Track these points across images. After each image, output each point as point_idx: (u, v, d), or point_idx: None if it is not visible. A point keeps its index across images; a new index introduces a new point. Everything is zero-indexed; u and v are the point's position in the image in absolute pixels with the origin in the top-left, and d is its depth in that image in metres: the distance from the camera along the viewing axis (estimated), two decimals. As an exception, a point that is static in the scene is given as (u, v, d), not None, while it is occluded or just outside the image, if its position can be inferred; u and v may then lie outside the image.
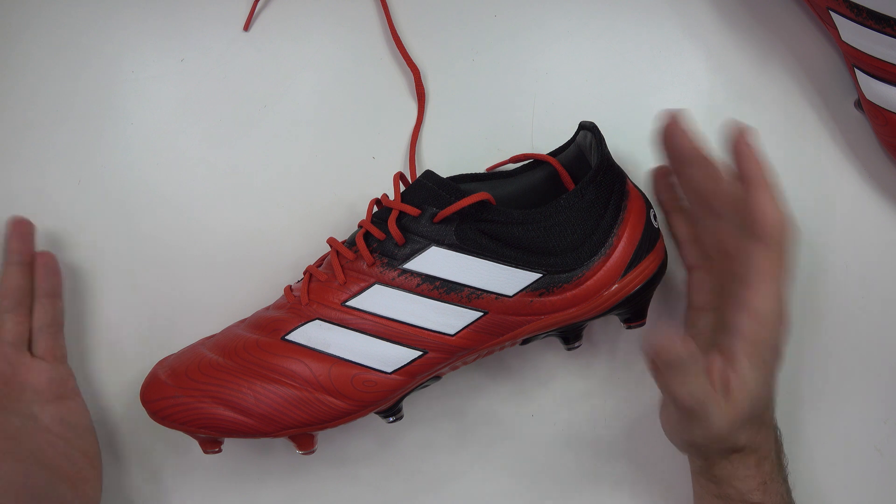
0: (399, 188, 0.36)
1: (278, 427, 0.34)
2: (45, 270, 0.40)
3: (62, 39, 0.46)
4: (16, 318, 0.38)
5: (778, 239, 0.32)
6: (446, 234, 0.34)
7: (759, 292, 0.32)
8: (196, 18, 0.46)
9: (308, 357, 0.34)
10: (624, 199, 0.36)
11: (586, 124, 0.38)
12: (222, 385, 0.34)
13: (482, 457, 0.42)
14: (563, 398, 0.43)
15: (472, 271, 0.34)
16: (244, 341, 0.36)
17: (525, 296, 0.35)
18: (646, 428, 0.42)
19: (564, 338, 0.38)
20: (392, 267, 0.35)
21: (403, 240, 0.35)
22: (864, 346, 0.43)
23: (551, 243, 0.34)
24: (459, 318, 0.35)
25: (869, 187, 0.44)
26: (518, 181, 0.40)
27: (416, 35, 0.46)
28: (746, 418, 0.33)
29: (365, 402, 0.35)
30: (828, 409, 0.42)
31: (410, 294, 0.35)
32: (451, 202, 0.34)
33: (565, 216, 0.34)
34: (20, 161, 0.45)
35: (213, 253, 0.44)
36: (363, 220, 0.37)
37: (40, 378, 0.37)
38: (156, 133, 0.45)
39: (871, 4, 0.38)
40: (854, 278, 0.43)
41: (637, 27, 0.46)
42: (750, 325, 0.32)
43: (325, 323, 0.35)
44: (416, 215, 0.35)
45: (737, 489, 0.34)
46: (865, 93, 0.41)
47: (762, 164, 0.33)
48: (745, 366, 0.32)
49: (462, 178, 0.39)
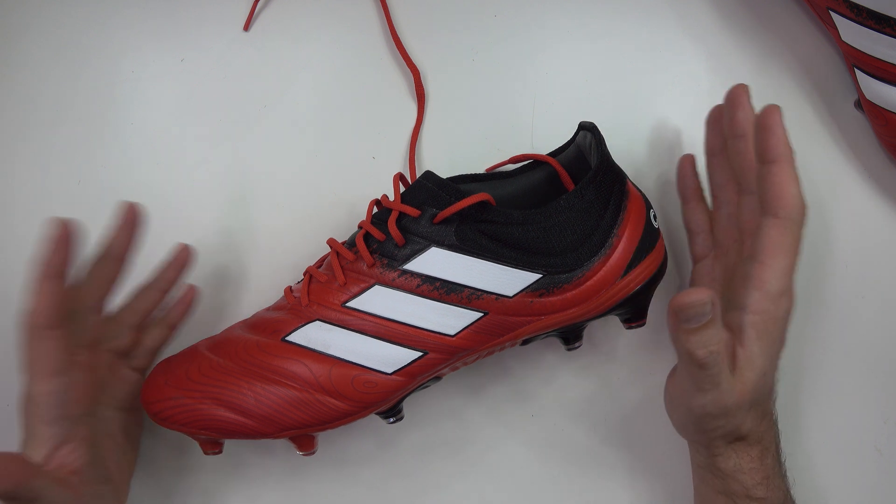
0: (399, 188, 0.36)
1: (279, 428, 0.34)
2: (184, 304, 0.41)
3: (62, 39, 0.46)
4: (133, 334, 0.39)
5: (794, 216, 0.33)
6: (446, 234, 0.34)
7: (771, 268, 0.33)
8: (196, 18, 0.46)
9: (308, 358, 0.34)
10: (624, 199, 0.36)
11: (586, 125, 0.38)
12: (222, 386, 0.34)
13: (482, 457, 0.42)
14: (563, 398, 0.43)
15: (472, 272, 0.34)
16: (244, 342, 0.36)
17: (525, 296, 0.35)
18: (646, 427, 0.42)
19: (564, 338, 0.38)
20: (392, 268, 0.35)
21: (403, 241, 0.35)
22: (863, 345, 0.43)
23: (551, 244, 0.34)
24: (459, 318, 0.35)
25: (869, 187, 0.44)
26: (518, 182, 0.40)
27: (416, 35, 0.46)
28: (752, 397, 0.33)
29: (365, 402, 0.35)
30: (828, 409, 0.42)
31: (410, 295, 0.35)
32: (451, 203, 0.34)
33: (565, 216, 0.34)
34: (20, 161, 0.45)
35: (212, 253, 0.44)
36: (363, 221, 0.37)
37: (126, 388, 0.39)
38: (156, 133, 0.45)
39: (871, 4, 0.38)
40: (854, 278, 0.43)
41: (637, 27, 0.46)
42: (760, 299, 0.33)
43: (325, 324, 0.35)
44: (416, 216, 0.35)
45: (741, 483, 0.34)
46: (865, 93, 0.41)
47: (788, 143, 0.33)
48: (752, 340, 0.33)
49: (462, 178, 0.39)
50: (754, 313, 0.33)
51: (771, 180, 0.33)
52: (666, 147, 0.45)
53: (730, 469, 0.35)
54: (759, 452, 0.35)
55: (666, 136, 0.45)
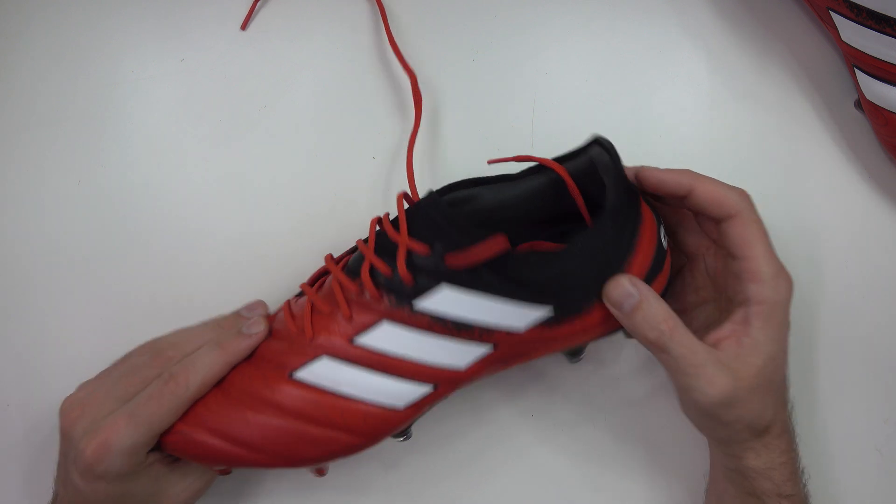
0: (403, 207, 0.34)
1: (291, 463, 0.34)
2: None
3: (62, 39, 0.46)
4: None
5: (742, 206, 0.34)
6: (458, 274, 0.32)
7: (754, 259, 0.34)
8: (196, 18, 0.46)
9: (319, 397, 0.34)
10: (638, 224, 0.34)
11: (603, 142, 0.35)
12: (230, 422, 0.34)
13: (482, 456, 0.42)
14: (563, 398, 0.43)
15: (484, 310, 0.33)
16: (250, 377, 0.35)
17: (536, 329, 0.34)
18: (647, 428, 0.42)
19: (569, 352, 0.38)
20: (401, 305, 0.33)
21: (413, 281, 0.33)
22: (864, 346, 0.43)
23: (566, 283, 0.33)
24: (470, 353, 0.34)
25: (869, 187, 0.44)
26: (522, 185, 0.39)
27: (415, 35, 0.46)
28: (759, 382, 0.33)
29: (377, 435, 0.34)
30: (828, 409, 0.42)
31: (422, 333, 0.33)
32: (464, 243, 0.32)
33: (582, 258, 0.33)
34: (20, 161, 0.45)
35: (211, 252, 0.44)
36: (365, 248, 0.35)
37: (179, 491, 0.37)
38: (155, 133, 0.45)
39: (871, 4, 0.38)
40: (853, 278, 0.43)
41: (637, 27, 0.46)
42: (759, 290, 0.33)
43: (333, 361, 0.34)
44: (425, 253, 0.32)
45: (773, 480, 0.34)
46: (865, 93, 0.41)
47: (676, 171, 0.35)
48: (757, 328, 0.33)
49: (463, 183, 0.38)
50: (758, 304, 0.33)
51: (701, 199, 0.34)
52: (665, 147, 0.45)
53: (761, 466, 0.34)
54: (787, 444, 0.35)
55: (666, 135, 0.45)
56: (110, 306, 0.43)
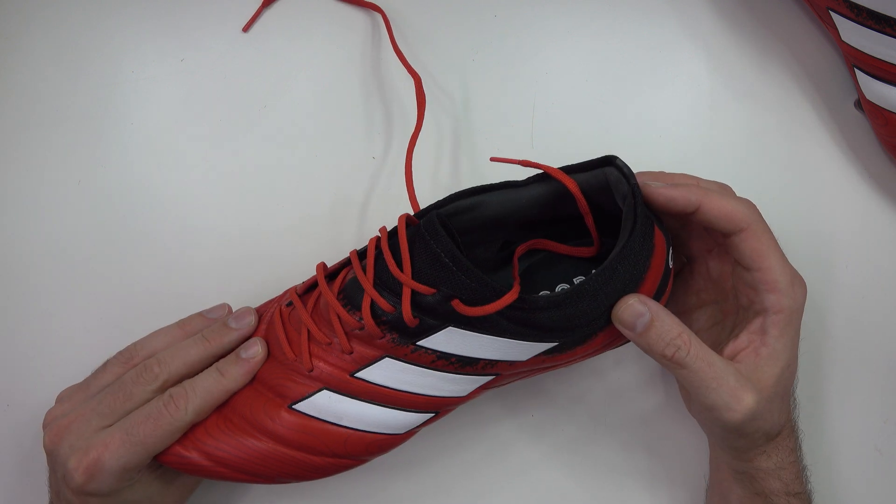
0: (405, 229, 0.33)
1: (294, 482, 0.35)
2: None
3: (62, 39, 0.46)
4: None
5: (752, 221, 0.34)
6: (463, 316, 0.31)
7: (769, 269, 0.33)
8: (196, 18, 0.46)
9: (321, 430, 0.33)
10: (650, 257, 0.33)
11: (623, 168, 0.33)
12: (231, 450, 0.33)
13: (482, 457, 0.42)
14: (564, 398, 0.43)
15: (489, 347, 0.33)
16: (250, 405, 0.34)
17: (538, 358, 0.34)
18: (648, 428, 0.42)
19: None
20: (404, 343, 0.33)
21: (416, 322, 0.32)
22: (864, 345, 0.43)
23: (574, 323, 0.32)
24: (472, 383, 0.34)
25: (869, 187, 0.44)
26: (527, 192, 0.37)
27: (415, 35, 0.46)
28: (776, 390, 0.33)
29: (377, 455, 0.35)
30: (828, 409, 0.42)
31: (425, 368, 0.33)
32: (471, 287, 0.30)
33: (592, 299, 0.32)
34: (20, 161, 0.45)
35: (211, 252, 0.44)
36: (366, 283, 0.33)
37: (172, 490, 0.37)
38: (156, 133, 0.45)
39: (871, 4, 0.38)
40: (854, 278, 0.43)
41: (637, 27, 0.46)
42: (777, 300, 0.33)
43: (333, 394, 0.33)
44: (430, 294, 0.31)
45: (782, 480, 0.34)
46: (865, 93, 0.41)
47: (683, 188, 0.34)
48: (775, 337, 0.33)
49: (467, 192, 0.36)
50: (776, 313, 0.33)
51: (711, 214, 0.33)
52: (665, 147, 0.45)
53: (771, 467, 0.34)
54: (794, 443, 0.35)
55: (665, 135, 0.45)
56: (110, 306, 0.43)
